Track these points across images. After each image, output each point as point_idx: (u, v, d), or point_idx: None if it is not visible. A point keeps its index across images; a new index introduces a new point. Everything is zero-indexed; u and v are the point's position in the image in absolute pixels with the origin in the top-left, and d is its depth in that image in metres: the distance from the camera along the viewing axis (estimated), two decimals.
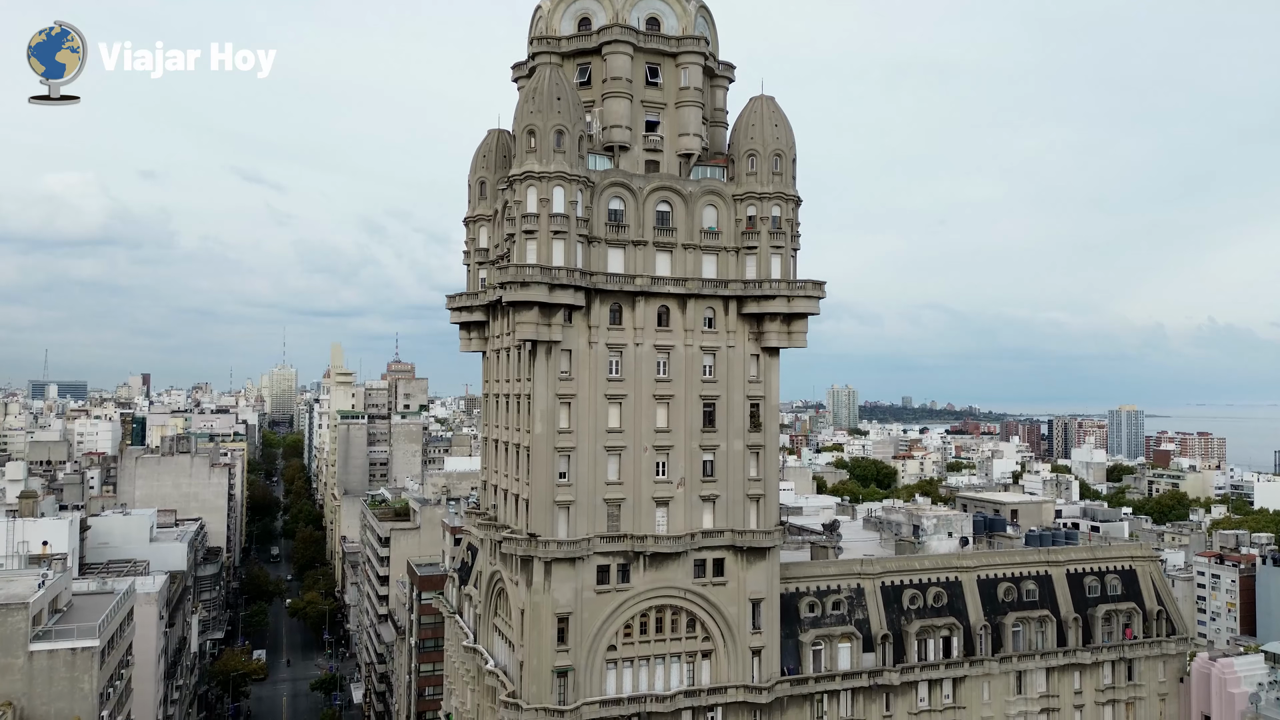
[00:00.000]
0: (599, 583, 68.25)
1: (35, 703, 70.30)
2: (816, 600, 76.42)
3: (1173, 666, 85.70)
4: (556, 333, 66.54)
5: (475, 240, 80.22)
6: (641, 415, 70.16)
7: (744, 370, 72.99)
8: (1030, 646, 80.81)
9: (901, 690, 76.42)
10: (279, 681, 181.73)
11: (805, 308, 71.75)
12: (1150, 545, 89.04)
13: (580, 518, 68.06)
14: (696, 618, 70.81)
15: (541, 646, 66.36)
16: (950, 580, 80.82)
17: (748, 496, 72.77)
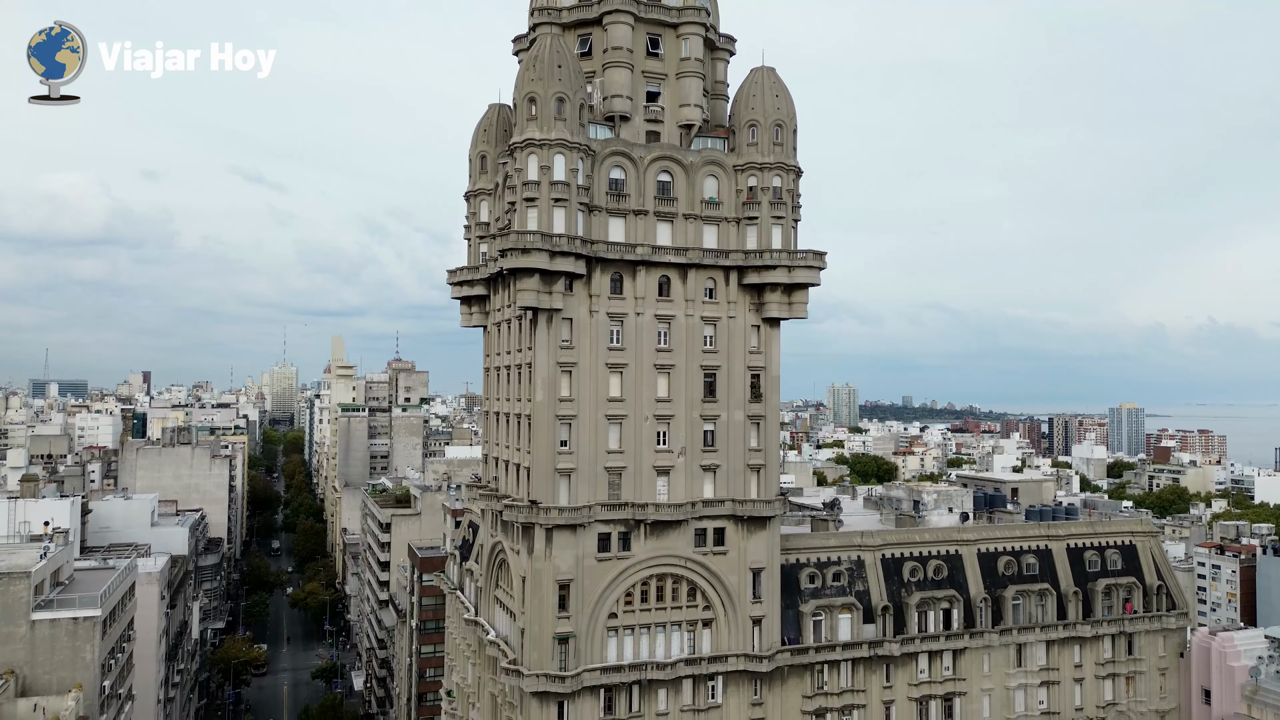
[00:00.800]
0: (600, 550, 68.38)
1: (37, 671, 70.47)
2: (817, 571, 76.56)
3: (1173, 641, 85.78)
4: (558, 301, 66.69)
5: (476, 214, 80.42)
6: (642, 384, 70.30)
7: (744, 341, 73.13)
8: (1030, 619, 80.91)
9: (902, 661, 76.53)
10: (280, 671, 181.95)
11: (806, 278, 71.89)
12: (1150, 521, 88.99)
13: (581, 486, 68.19)
14: (697, 587, 70.94)
15: (542, 613, 66.50)
16: (950, 553, 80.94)
17: (748, 466, 72.91)
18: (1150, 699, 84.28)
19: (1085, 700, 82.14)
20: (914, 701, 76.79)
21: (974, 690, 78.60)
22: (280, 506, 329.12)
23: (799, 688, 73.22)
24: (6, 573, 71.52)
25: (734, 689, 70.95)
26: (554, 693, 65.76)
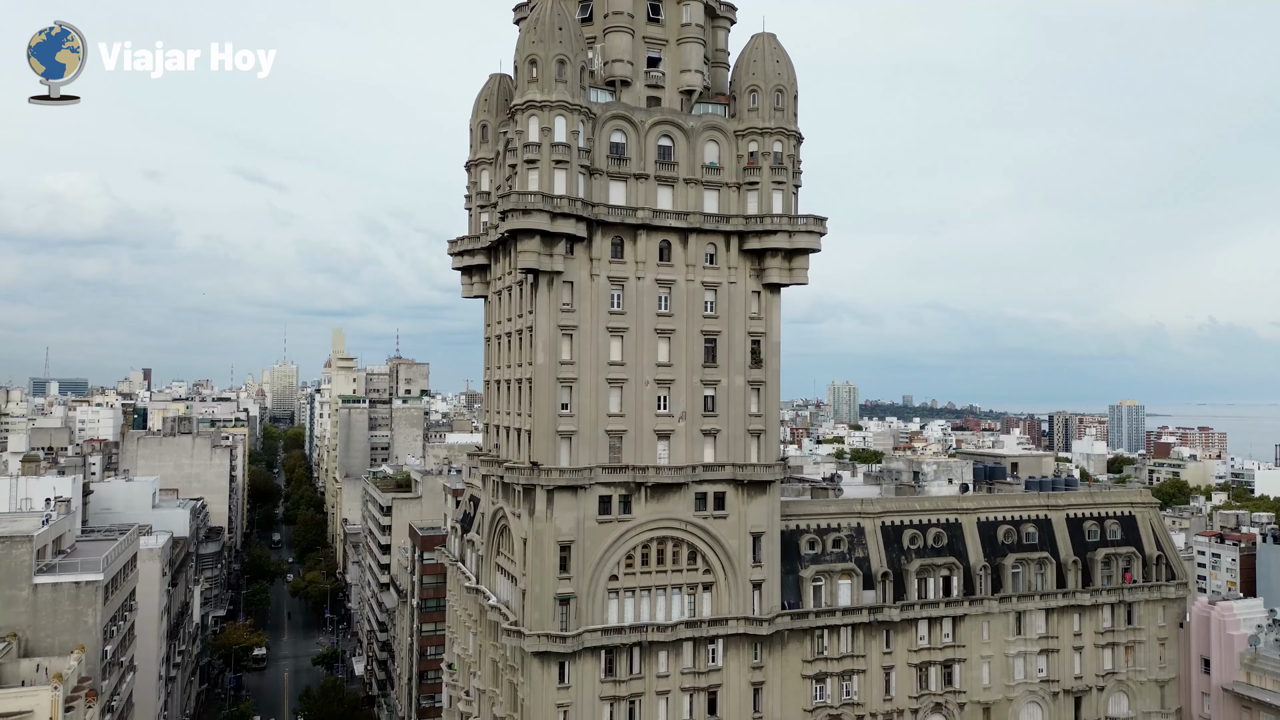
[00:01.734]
0: (601, 513, 68.59)
1: (39, 634, 70.72)
2: (817, 538, 76.77)
3: (1172, 611, 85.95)
4: (558, 263, 66.89)
5: (477, 184, 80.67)
6: (643, 349, 70.51)
7: (745, 306, 73.35)
8: (1029, 587, 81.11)
9: (902, 627, 76.73)
10: (280, 658, 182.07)
11: (807, 243, 72.11)
12: (1149, 493, 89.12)
13: (582, 448, 68.41)
14: (698, 550, 71.13)
15: (544, 574, 66.70)
16: (950, 522, 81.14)
17: (749, 432, 73.12)
18: (1150, 668, 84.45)
19: (1085, 669, 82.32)
20: (914, 667, 76.97)
21: (974, 657, 78.78)
22: (280, 499, 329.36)
23: (799, 652, 73.42)
24: (8, 536, 71.79)
25: (734, 652, 71.16)
26: (555, 653, 65.97)
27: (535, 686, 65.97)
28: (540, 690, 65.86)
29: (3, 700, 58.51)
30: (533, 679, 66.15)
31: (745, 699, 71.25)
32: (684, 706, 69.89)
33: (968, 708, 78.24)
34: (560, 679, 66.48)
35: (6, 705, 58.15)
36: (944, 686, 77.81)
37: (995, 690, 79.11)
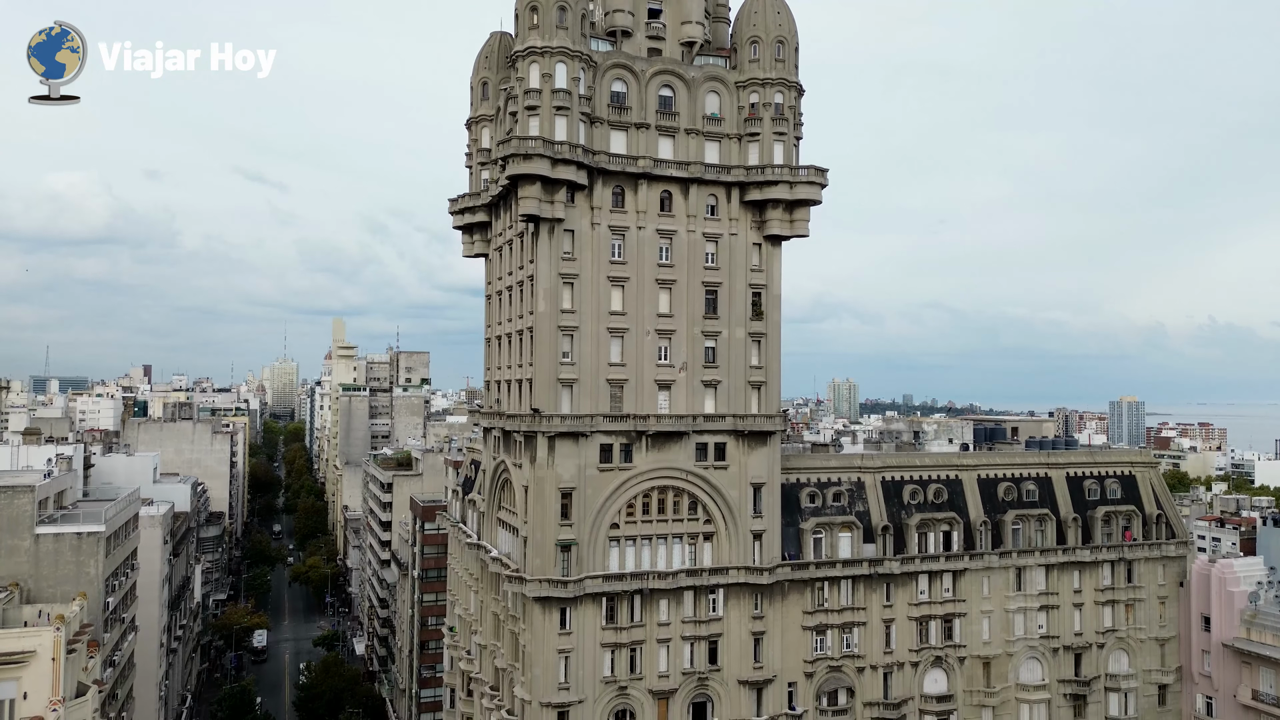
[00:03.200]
0: (602, 461, 68.71)
1: (41, 584, 70.82)
2: (817, 491, 76.89)
3: (1172, 571, 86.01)
4: (559, 210, 67.03)
5: (478, 141, 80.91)
6: (644, 299, 70.65)
7: (746, 259, 73.48)
8: (1030, 544, 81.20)
9: (902, 581, 76.82)
10: (282, 641, 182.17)
11: (808, 194, 72.24)
12: (1149, 454, 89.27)
13: (583, 396, 68.56)
14: (698, 500, 71.24)
15: (545, 521, 66.82)
16: (950, 478, 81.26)
17: (749, 384, 73.26)
18: (1150, 626, 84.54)
19: (1085, 626, 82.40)
20: (914, 621, 77.07)
21: (974, 612, 78.86)
22: (281, 490, 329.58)
23: (799, 603, 73.51)
24: (10, 486, 71.96)
25: (735, 601, 71.26)
26: (556, 598, 66.09)
27: (537, 632, 66.09)
28: (542, 636, 65.96)
29: (4, 640, 58.54)
30: (534, 625, 66.26)
31: (746, 648, 71.35)
32: (685, 655, 69.99)
33: (968, 662, 78.33)
34: (562, 624, 66.57)
35: (8, 645, 58.18)
36: (944, 640, 77.90)
37: (995, 645, 79.20)
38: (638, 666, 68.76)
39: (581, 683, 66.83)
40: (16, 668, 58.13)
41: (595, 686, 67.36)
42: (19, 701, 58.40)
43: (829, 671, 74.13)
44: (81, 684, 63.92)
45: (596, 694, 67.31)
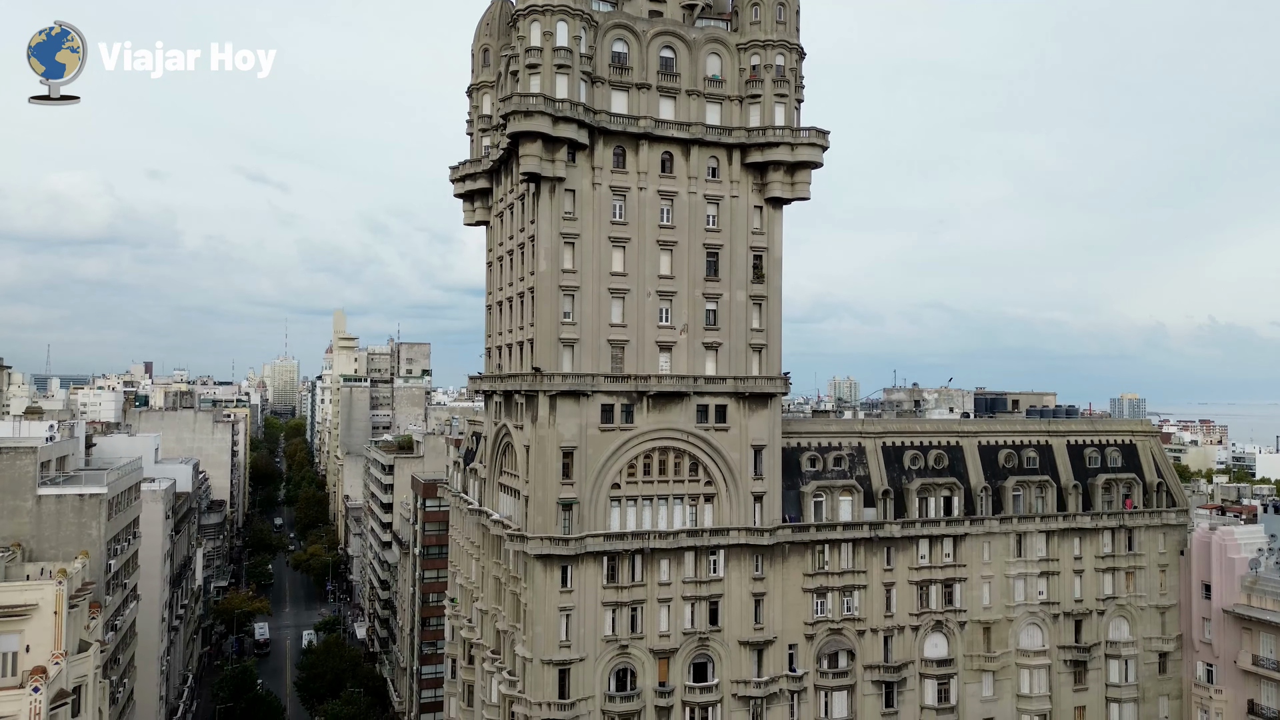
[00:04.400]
0: (603, 421, 68.82)
1: (43, 545, 70.95)
2: (818, 455, 77.00)
3: (1173, 539, 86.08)
4: (560, 169, 67.14)
5: (478, 108, 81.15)
6: (645, 260, 70.77)
7: (747, 221, 73.59)
8: (1030, 510, 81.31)
9: (902, 545, 76.90)
10: (283, 627, 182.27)
11: (809, 156, 72.33)
12: (1150, 423, 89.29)
13: (584, 356, 68.67)
14: (699, 461, 71.35)
15: (546, 480, 66.92)
16: (951, 444, 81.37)
17: (750, 346, 73.38)
18: (1150, 594, 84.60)
19: (1085, 592, 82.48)
20: (914, 585, 77.16)
21: (974, 577, 78.96)
22: (282, 483, 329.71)
23: (800, 565, 73.61)
24: (13, 447, 72.09)
25: (735, 563, 71.37)
26: (557, 555, 66.20)
27: (538, 590, 66.18)
28: (543, 594, 66.06)
29: (7, 593, 58.62)
30: (535, 583, 66.35)
31: (746, 609, 71.44)
32: (686, 615, 70.09)
33: (968, 626, 78.42)
34: (563, 583, 66.68)
35: (11, 598, 58.22)
36: (944, 605, 78.00)
37: (995, 610, 79.29)
38: (639, 626, 68.85)
39: (583, 641, 66.94)
40: (19, 620, 58.15)
41: (596, 645, 67.46)
42: (21, 654, 58.41)
43: (829, 634, 74.23)
44: (84, 641, 64.07)
45: (598, 652, 67.42)
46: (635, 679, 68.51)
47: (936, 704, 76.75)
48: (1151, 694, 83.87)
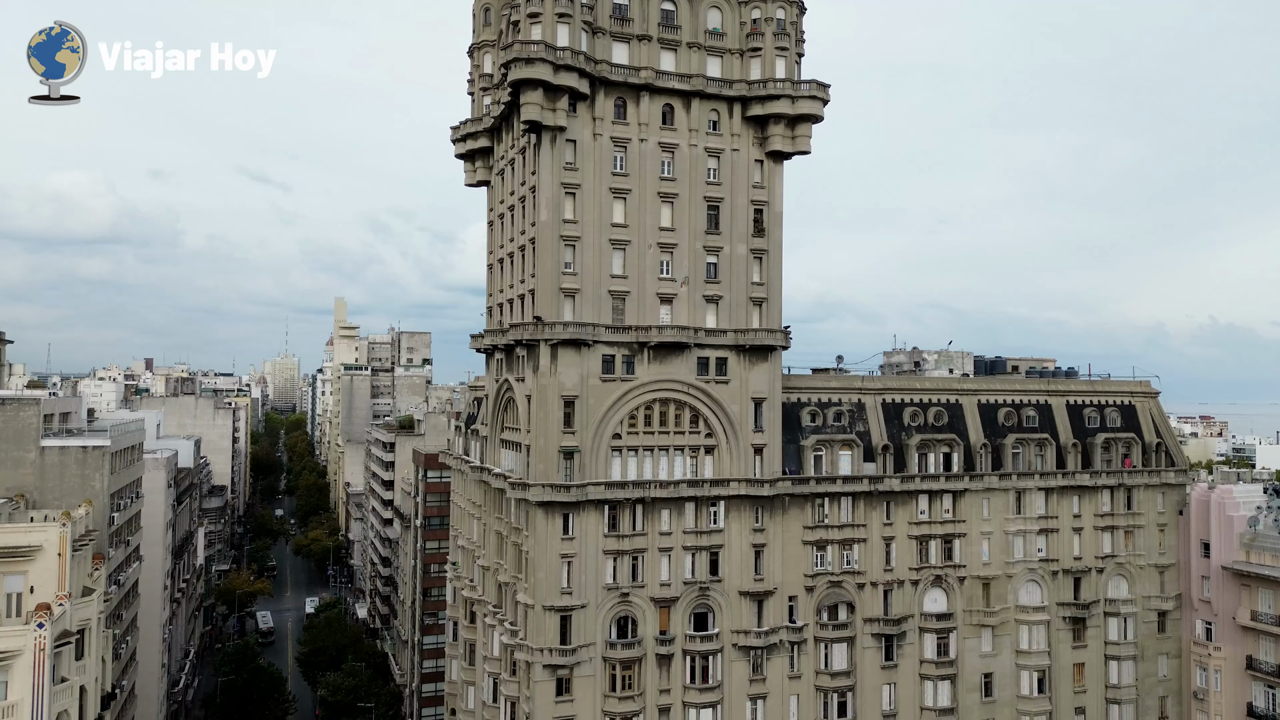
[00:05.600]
0: (604, 372, 69.12)
1: (47, 497, 71.17)
2: (818, 410, 77.31)
3: (1172, 498, 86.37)
4: (561, 118, 67.45)
5: (479, 67, 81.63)
6: (646, 212, 71.08)
7: (748, 175, 73.94)
8: (1029, 467, 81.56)
9: (902, 499, 77.18)
10: (284, 610, 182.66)
11: (810, 109, 72.66)
12: (1149, 385, 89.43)
13: (585, 307, 68.99)
14: (700, 414, 71.64)
15: (548, 428, 67.23)
16: (951, 402, 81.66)
17: (750, 300, 73.71)
18: (1149, 553, 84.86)
19: (1084, 550, 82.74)
20: (914, 540, 77.44)
21: (973, 533, 79.21)
22: (283, 474, 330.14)
23: (800, 518, 73.87)
24: (16, 398, 72.43)
25: (735, 514, 71.66)
26: (559, 503, 66.49)
27: (539, 538, 66.46)
28: (544, 541, 66.34)
29: (11, 534, 58.94)
30: (537, 531, 66.63)
31: (747, 560, 71.73)
32: (686, 565, 70.37)
33: (967, 582, 78.69)
34: (564, 530, 66.97)
35: (15, 539, 58.55)
36: (944, 560, 78.28)
37: (995, 566, 79.58)
38: (639, 575, 69.14)
39: (584, 588, 67.24)
40: (23, 561, 58.50)
41: (598, 592, 67.76)
42: (25, 595, 58.76)
43: (829, 587, 74.50)
44: (87, 587, 64.43)
45: (599, 600, 67.72)
46: (636, 627, 68.81)
47: (936, 658, 77.02)
48: (1150, 652, 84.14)
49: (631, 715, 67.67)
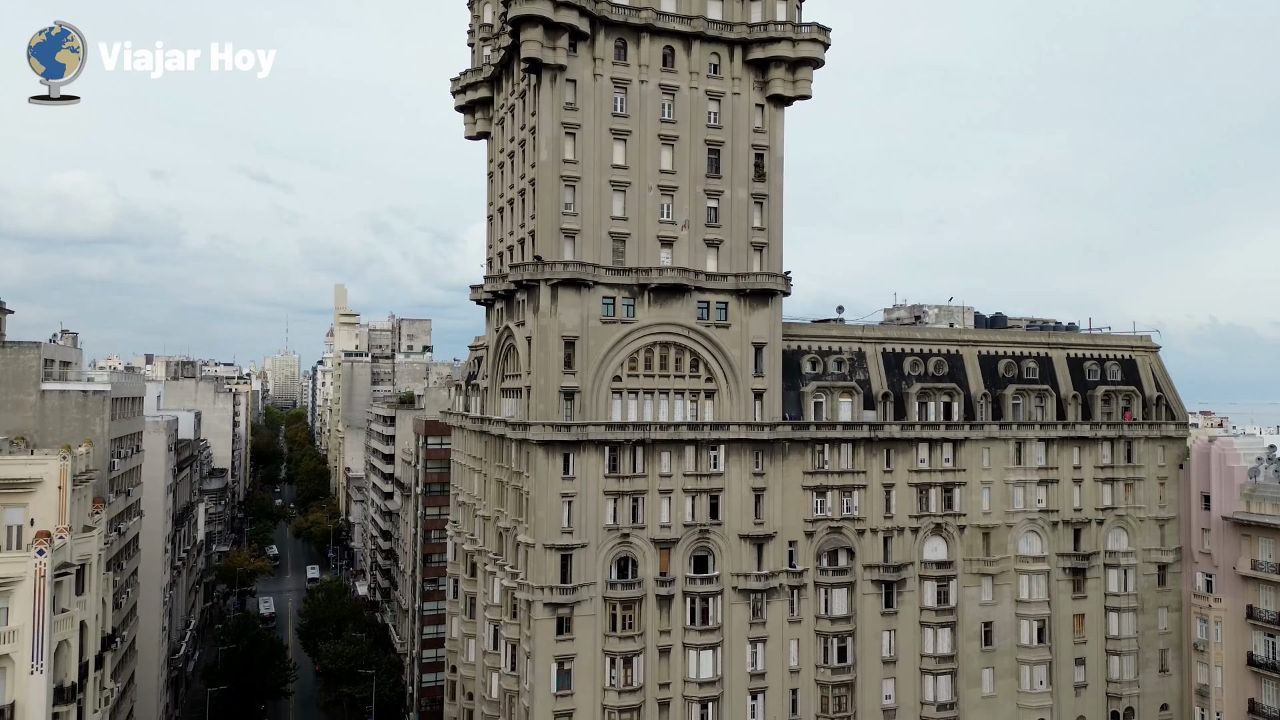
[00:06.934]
0: (604, 314, 69.13)
1: (47, 440, 71.05)
2: (818, 358, 77.34)
3: (1172, 452, 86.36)
4: (561, 57, 67.48)
5: (480, 17, 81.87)
6: (646, 154, 71.08)
7: (749, 120, 73.96)
8: (1029, 418, 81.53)
9: (902, 447, 77.15)
10: (285, 591, 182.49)
11: (810, 52, 72.70)
12: (1149, 339, 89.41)
13: (585, 247, 69.00)
14: (700, 358, 71.64)
15: (549, 369, 67.23)
16: (951, 353, 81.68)
17: (751, 245, 73.71)
18: (1149, 506, 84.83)
19: (1084, 502, 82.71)
20: (914, 488, 77.41)
21: (974, 482, 79.19)
22: (283, 463, 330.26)
23: (800, 464, 73.84)
24: (17, 342, 72.46)
25: (735, 458, 71.64)
26: (559, 442, 66.48)
27: (540, 478, 66.44)
28: (545, 480, 66.32)
29: (12, 466, 58.93)
30: (537, 471, 66.60)
31: (747, 504, 71.72)
32: (686, 507, 70.34)
33: (967, 531, 78.66)
34: (565, 470, 66.96)
35: (15, 472, 58.55)
36: (944, 509, 78.25)
37: (995, 516, 79.54)
38: (640, 516, 69.10)
39: (584, 528, 67.24)
40: (23, 494, 58.50)
41: (598, 533, 67.74)
42: (26, 527, 58.72)
43: (829, 532, 74.47)
44: (87, 526, 64.41)
45: (599, 540, 67.69)
46: (637, 568, 68.79)
47: (936, 605, 76.98)
48: (1150, 605, 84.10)
49: (632, 655, 67.66)
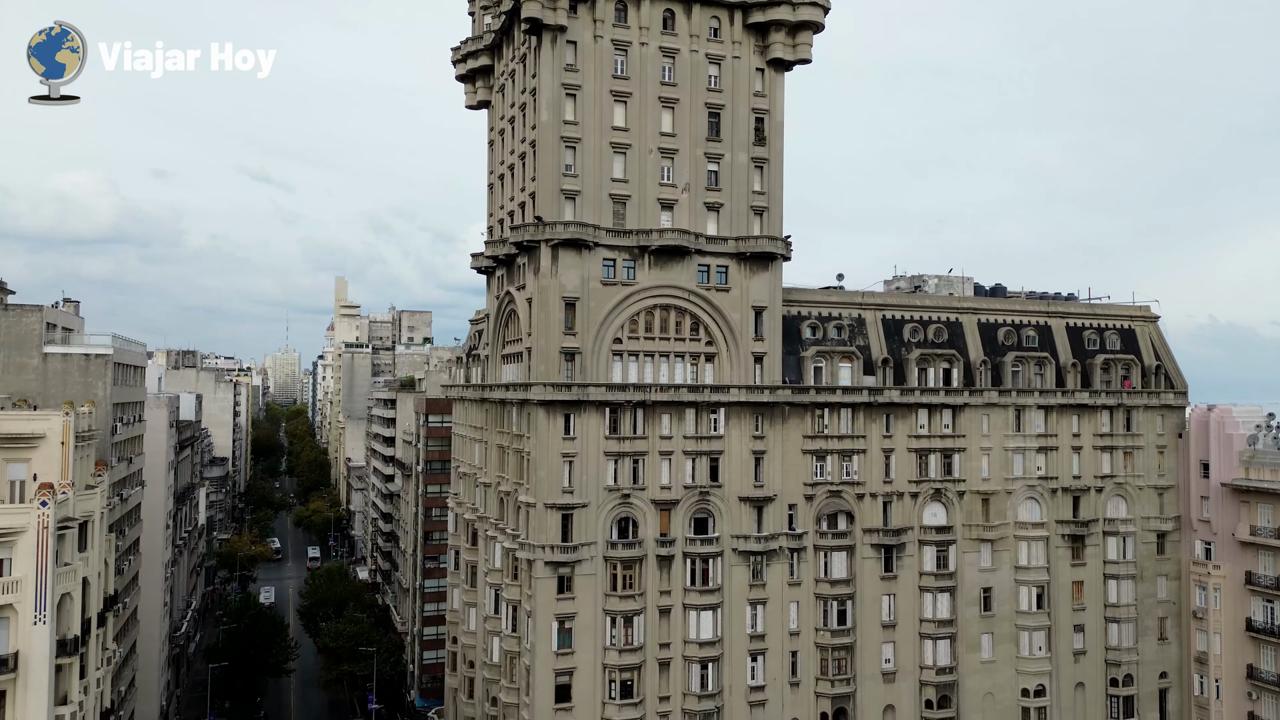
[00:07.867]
0: (605, 275, 69.38)
1: (49, 403, 71.24)
2: (818, 324, 77.57)
3: (1171, 421, 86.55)
4: (562, 17, 67.75)
5: None
6: (646, 117, 71.34)
7: (749, 83, 74.21)
8: (1029, 385, 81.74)
9: (901, 412, 77.35)
10: (285, 578, 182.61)
11: (811, 15, 73.04)
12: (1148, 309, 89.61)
13: (586, 209, 69.23)
14: (700, 321, 71.86)
15: (550, 330, 67.46)
16: (951, 320, 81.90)
17: (751, 208, 73.96)
18: (1148, 474, 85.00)
19: (1083, 469, 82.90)
20: (913, 453, 77.60)
21: (973, 448, 79.40)
22: (284, 456, 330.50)
23: (799, 427, 74.05)
24: (19, 305, 72.69)
25: (735, 420, 71.84)
26: (560, 402, 66.70)
27: (541, 438, 66.64)
28: (546, 441, 66.53)
29: (15, 422, 59.18)
30: (539, 431, 66.81)
31: (747, 467, 71.91)
32: (686, 469, 70.53)
33: (967, 496, 78.84)
34: (566, 430, 67.17)
35: (18, 427, 58.80)
36: (943, 474, 78.45)
37: (994, 482, 79.72)
38: (640, 478, 69.28)
39: (585, 488, 67.43)
40: (27, 449, 58.75)
41: (599, 493, 67.94)
42: (29, 483, 58.95)
43: (829, 496, 74.68)
44: (89, 484, 64.61)
45: (600, 500, 67.90)
46: (637, 528, 69.00)
47: (935, 570, 77.18)
48: (1149, 573, 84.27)
49: (632, 614, 67.84)
